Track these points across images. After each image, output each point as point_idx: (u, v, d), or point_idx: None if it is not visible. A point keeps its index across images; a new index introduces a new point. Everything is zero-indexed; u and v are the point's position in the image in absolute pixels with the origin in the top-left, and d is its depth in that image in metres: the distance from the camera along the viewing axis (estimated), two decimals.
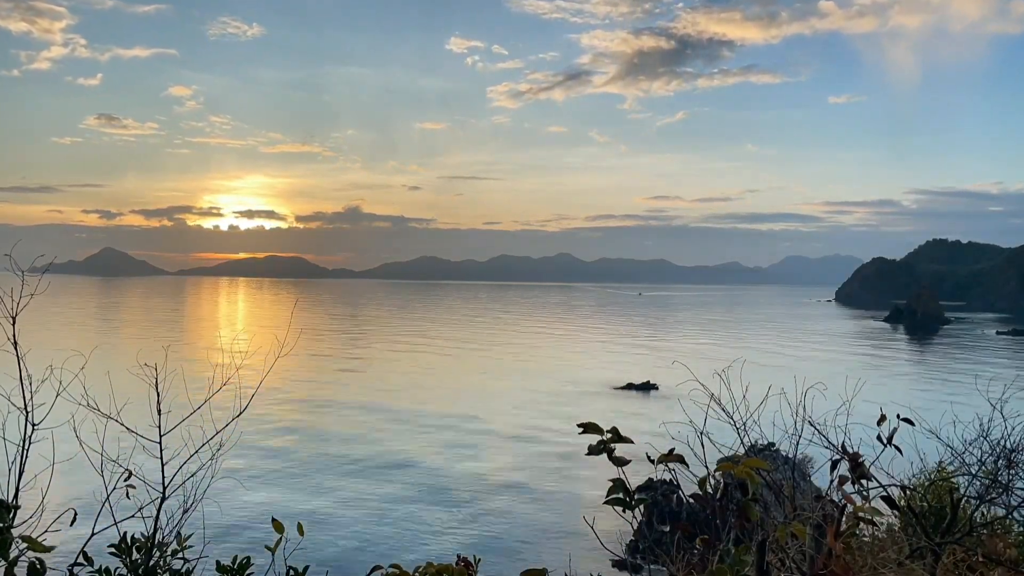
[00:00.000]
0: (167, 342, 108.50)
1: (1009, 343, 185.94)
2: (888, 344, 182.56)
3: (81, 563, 4.17)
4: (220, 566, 4.46)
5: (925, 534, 6.16)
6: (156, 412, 5.04)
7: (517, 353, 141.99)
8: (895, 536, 7.54)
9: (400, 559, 4.72)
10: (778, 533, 3.93)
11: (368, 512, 48.34)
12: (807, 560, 3.90)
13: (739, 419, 6.84)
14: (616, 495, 3.64)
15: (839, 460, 4.39)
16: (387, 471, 58.11)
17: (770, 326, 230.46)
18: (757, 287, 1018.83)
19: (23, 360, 4.78)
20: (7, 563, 3.74)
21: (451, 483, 55.12)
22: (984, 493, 7.32)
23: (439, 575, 4.21)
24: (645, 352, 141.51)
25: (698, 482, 3.75)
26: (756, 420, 6.87)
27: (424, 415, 79.24)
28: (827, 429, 6.78)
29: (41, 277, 5.53)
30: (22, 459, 4.45)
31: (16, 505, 3.99)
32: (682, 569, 5.75)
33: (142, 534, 4.46)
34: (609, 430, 3.69)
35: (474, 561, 4.43)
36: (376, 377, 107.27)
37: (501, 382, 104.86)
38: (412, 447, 65.69)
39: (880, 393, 73.67)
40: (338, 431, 71.64)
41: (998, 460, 7.58)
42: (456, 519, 47.55)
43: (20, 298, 4.85)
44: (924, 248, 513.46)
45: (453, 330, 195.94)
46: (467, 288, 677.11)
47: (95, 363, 6.19)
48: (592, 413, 68.28)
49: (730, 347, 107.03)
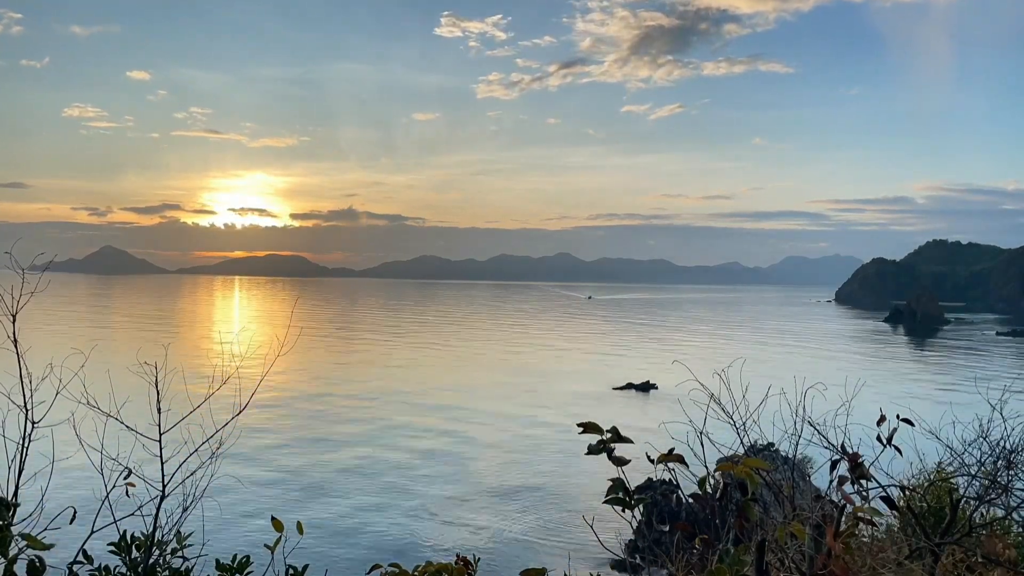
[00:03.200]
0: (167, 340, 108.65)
1: (1009, 344, 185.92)
2: (888, 345, 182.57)
3: (81, 561, 4.17)
4: (220, 565, 4.46)
5: (924, 535, 6.16)
6: (156, 410, 5.04)
7: (516, 352, 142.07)
8: (894, 536, 7.55)
9: (400, 558, 4.72)
10: (777, 533, 3.94)
11: (368, 511, 48.34)
12: (806, 560, 3.91)
13: (739, 419, 6.85)
14: (616, 495, 3.64)
15: (839, 460, 4.40)
16: (387, 470, 58.12)
17: (767, 327, 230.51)
18: (757, 287, 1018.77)
19: (23, 358, 4.78)
20: (7, 561, 3.75)
21: (451, 482, 55.13)
22: (983, 494, 7.32)
23: (439, 574, 4.21)
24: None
25: (697, 482, 3.75)
26: (756, 420, 6.88)
27: (424, 414, 79.24)
28: (827, 429, 6.79)
29: (41, 275, 5.53)
30: (22, 457, 4.45)
31: (16, 503, 3.99)
32: (681, 569, 5.75)
33: (142, 532, 4.46)
34: (609, 430, 3.69)
35: (473, 560, 4.43)
36: (376, 376, 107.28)
37: (501, 381, 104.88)
38: (412, 446, 65.69)
39: (880, 394, 73.68)
40: (338, 430, 71.64)
41: (997, 461, 7.59)
42: (456, 518, 47.55)
43: (20, 296, 4.86)
44: (924, 249, 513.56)
45: (453, 330, 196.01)
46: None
47: (95, 361, 6.19)
48: (592, 413, 68.32)
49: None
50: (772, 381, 7.36)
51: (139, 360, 5.41)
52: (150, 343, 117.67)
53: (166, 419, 5.01)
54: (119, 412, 5.26)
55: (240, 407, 5.62)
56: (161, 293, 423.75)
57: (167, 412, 5.06)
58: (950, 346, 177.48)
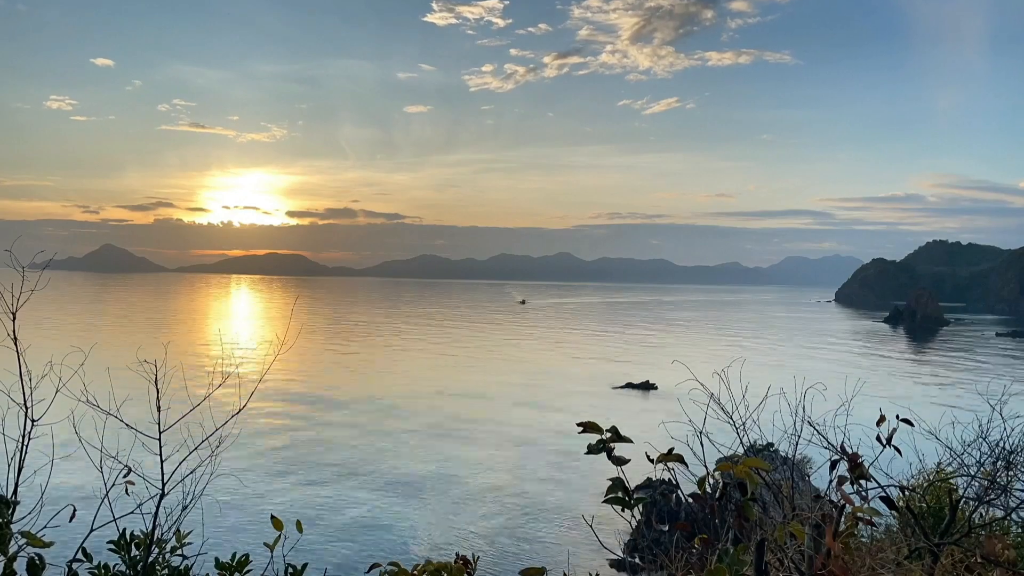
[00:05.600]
0: (167, 339, 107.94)
1: (1008, 345, 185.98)
2: (888, 345, 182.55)
3: (80, 559, 4.17)
4: (219, 563, 4.46)
5: (924, 535, 6.16)
6: (156, 409, 5.04)
7: (514, 352, 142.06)
8: (893, 537, 7.56)
9: (399, 556, 4.72)
10: (777, 533, 3.94)
11: (367, 510, 48.35)
12: (805, 560, 3.91)
13: (738, 419, 6.85)
14: (615, 494, 3.64)
15: (838, 460, 4.40)
16: (386, 469, 58.12)
17: (767, 327, 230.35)
18: (757, 288, 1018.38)
19: (23, 356, 4.78)
20: (6, 558, 3.75)
21: (450, 481, 55.12)
22: (983, 494, 7.32)
23: (438, 573, 4.21)
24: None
25: (697, 482, 3.75)
26: (755, 420, 6.88)
27: (424, 414, 79.26)
28: (826, 429, 6.79)
29: (41, 273, 5.53)
30: (21, 455, 4.45)
31: (15, 500, 3.99)
32: (680, 568, 5.75)
33: (141, 530, 4.46)
34: (608, 429, 3.69)
35: (473, 559, 4.43)
36: (376, 375, 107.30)
37: (500, 381, 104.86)
38: (411, 445, 65.70)
39: (879, 394, 73.70)
40: (338, 429, 71.65)
41: (997, 462, 7.59)
42: (455, 517, 47.55)
43: (20, 294, 4.85)
44: (924, 249, 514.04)
45: (451, 329, 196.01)
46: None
47: (95, 359, 6.19)
48: (591, 412, 68.31)
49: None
50: (772, 381, 7.36)
51: (139, 358, 5.41)
52: (150, 342, 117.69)
53: (166, 417, 5.01)
54: (119, 410, 5.27)
55: (240, 406, 5.62)
56: (161, 292, 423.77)
57: (167, 410, 5.06)
58: (950, 347, 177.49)
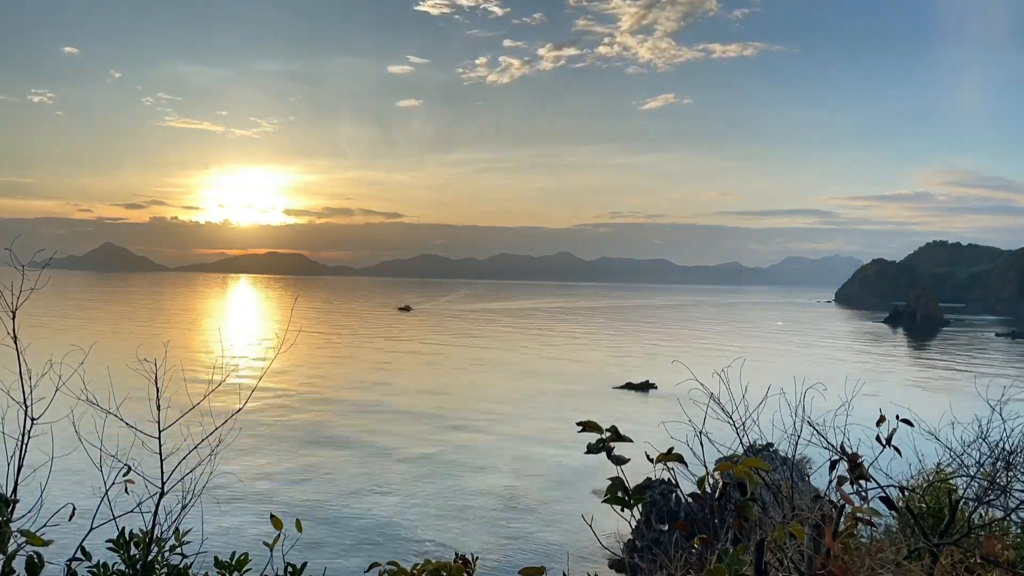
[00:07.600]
0: (167, 338, 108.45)
1: (1008, 346, 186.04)
2: (887, 345, 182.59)
3: (79, 558, 4.17)
4: (218, 562, 4.46)
5: (923, 535, 6.16)
6: (155, 408, 5.03)
7: (515, 352, 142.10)
8: (893, 537, 7.55)
9: (399, 556, 4.72)
10: (776, 533, 3.94)
11: (367, 509, 48.36)
12: (805, 560, 3.91)
13: (738, 419, 6.84)
14: (615, 494, 3.64)
15: (838, 460, 4.40)
16: (386, 469, 58.14)
17: (766, 328, 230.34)
18: (757, 288, 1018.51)
19: (23, 355, 4.78)
20: (5, 557, 3.75)
21: (450, 481, 55.13)
22: (982, 495, 7.31)
23: (438, 572, 4.21)
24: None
25: (697, 482, 3.75)
26: (755, 420, 6.87)
27: (423, 413, 79.26)
28: (826, 429, 6.79)
29: (41, 272, 5.52)
30: (21, 453, 4.45)
31: (15, 499, 3.99)
32: (680, 568, 5.75)
33: (140, 529, 4.45)
34: (608, 429, 3.69)
35: (472, 559, 4.43)
36: (376, 375, 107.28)
37: (501, 380, 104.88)
38: (410, 445, 65.71)
39: (879, 394, 73.64)
40: (337, 428, 71.67)
41: (996, 462, 7.59)
42: (455, 517, 47.57)
43: (20, 292, 4.85)
44: (924, 250, 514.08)
45: (450, 329, 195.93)
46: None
47: (94, 358, 6.19)
48: (591, 412, 68.23)
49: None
50: (771, 381, 7.35)
51: (139, 357, 5.40)
52: (150, 341, 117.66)
53: (165, 416, 5.00)
54: (118, 409, 5.26)
55: (240, 405, 5.62)
56: (161, 291, 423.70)
57: (166, 409, 5.06)
58: (949, 347, 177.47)
